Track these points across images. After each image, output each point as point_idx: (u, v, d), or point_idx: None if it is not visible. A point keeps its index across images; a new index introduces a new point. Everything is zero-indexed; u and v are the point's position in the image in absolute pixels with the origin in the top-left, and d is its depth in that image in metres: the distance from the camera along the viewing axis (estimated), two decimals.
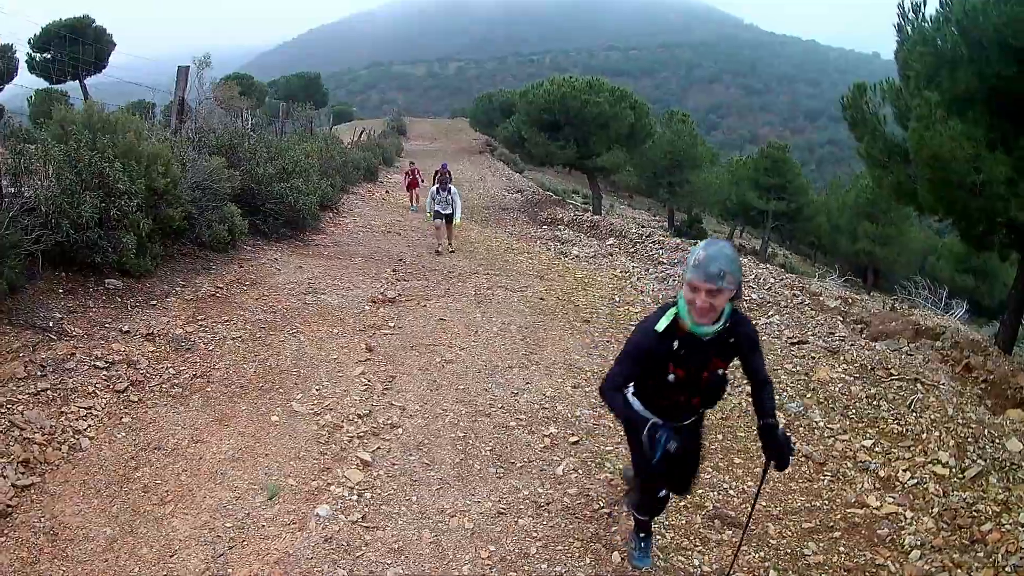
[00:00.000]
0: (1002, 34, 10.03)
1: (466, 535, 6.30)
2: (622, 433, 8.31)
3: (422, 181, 28.98)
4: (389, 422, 8.32)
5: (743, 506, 6.90)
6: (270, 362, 9.71)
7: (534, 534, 6.38)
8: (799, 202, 45.01)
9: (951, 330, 12.36)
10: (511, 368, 10.34)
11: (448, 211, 19.41)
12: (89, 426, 7.31)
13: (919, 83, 11.47)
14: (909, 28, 12.04)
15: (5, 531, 5.74)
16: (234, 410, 8.25)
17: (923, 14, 11.85)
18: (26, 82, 44.05)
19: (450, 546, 6.16)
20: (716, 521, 6.63)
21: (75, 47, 47.60)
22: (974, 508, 6.69)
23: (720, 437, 8.39)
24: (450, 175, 25.21)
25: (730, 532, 6.49)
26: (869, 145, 12.78)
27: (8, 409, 7.00)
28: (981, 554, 6.16)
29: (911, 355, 11.03)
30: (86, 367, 8.27)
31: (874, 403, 9.02)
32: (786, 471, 5.70)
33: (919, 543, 6.28)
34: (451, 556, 6.04)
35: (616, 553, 6.18)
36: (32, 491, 6.23)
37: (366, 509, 6.52)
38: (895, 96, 12.49)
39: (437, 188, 19.53)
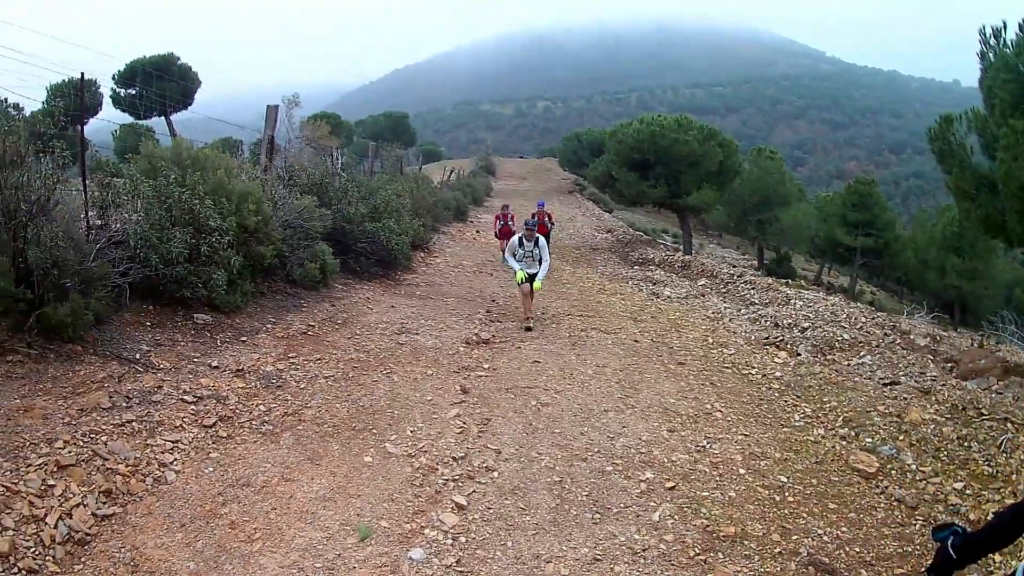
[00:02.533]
0: None
1: None
2: (719, 478, 8.12)
3: (515, 231, 22.59)
4: (484, 465, 8.17)
5: (837, 552, 6.77)
6: (363, 402, 9.64)
7: None
8: (887, 237, 44.45)
9: None
10: (607, 411, 10.12)
11: (535, 270, 15.33)
12: (175, 459, 7.31)
13: (1004, 111, 11.12)
14: (991, 55, 11.72)
15: (83, 559, 5.71)
16: (326, 449, 8.18)
17: (1004, 39, 11.53)
18: (109, 116, 45.02)
19: None
20: (810, 568, 6.46)
21: (161, 83, 48.65)
22: None
23: (815, 482, 8.20)
24: (549, 217, 23.39)
25: None
26: (957, 177, 12.45)
27: (91, 439, 7.00)
28: None
29: (1000, 394, 10.91)
30: (173, 400, 8.30)
31: (965, 444, 9.00)
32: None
33: None
34: None
35: None
36: (113, 521, 6.21)
37: (461, 553, 6.34)
38: (981, 125, 12.15)
39: (521, 238, 15.52)
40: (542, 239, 15.58)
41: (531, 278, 15.25)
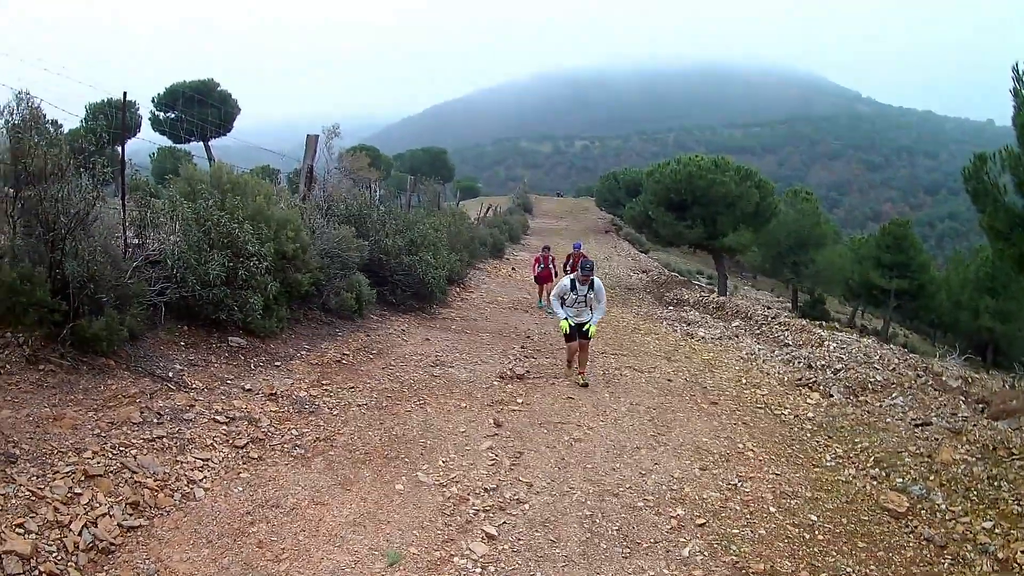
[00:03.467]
0: None
1: None
2: (750, 516, 8.07)
3: (556, 273, 22.89)
4: (516, 497, 8.19)
5: None
6: (396, 431, 9.69)
7: None
8: (921, 279, 44.09)
9: None
10: (639, 448, 10.14)
11: (586, 318, 13.40)
12: (205, 477, 7.37)
13: None
14: None
15: (106, 567, 5.75)
16: (357, 475, 8.21)
17: None
18: (148, 138, 45.51)
19: None
20: None
21: (200, 108, 49.11)
22: None
23: (845, 521, 8.19)
24: (587, 259, 22.50)
25: None
26: (991, 216, 12.36)
27: (121, 451, 7.09)
28: None
29: None
30: (205, 420, 8.40)
31: (995, 484, 8.95)
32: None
33: None
34: None
35: None
36: (139, 533, 6.25)
37: None
38: (1014, 164, 12.05)
39: (573, 281, 13.35)
40: (598, 282, 13.39)
41: (579, 329, 13.32)
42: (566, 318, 13.36)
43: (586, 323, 13.31)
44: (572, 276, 13.50)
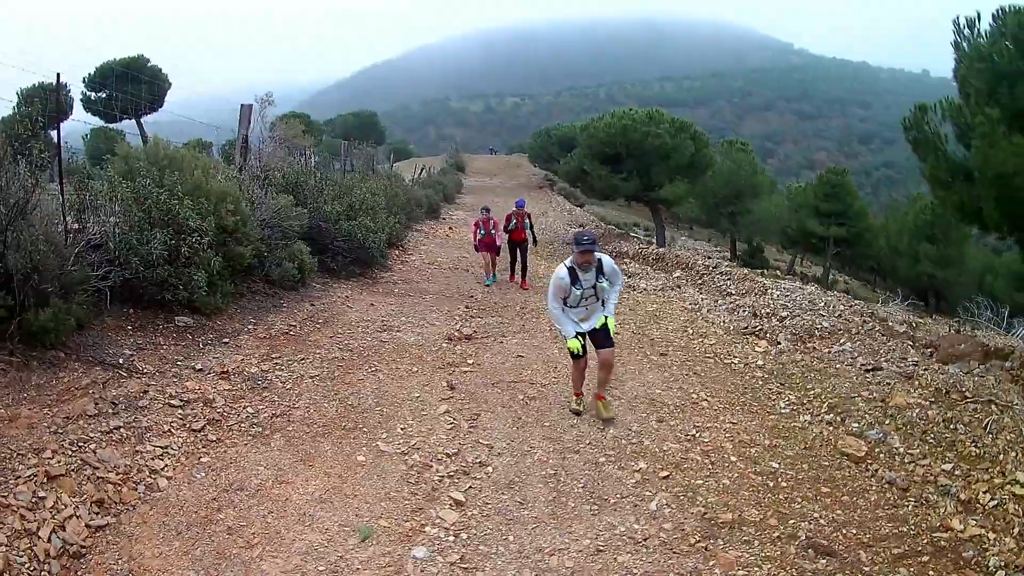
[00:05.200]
0: None
1: (567, 574, 6.15)
2: (711, 466, 8.13)
3: (500, 243, 19.95)
4: (478, 460, 8.20)
5: (834, 535, 6.85)
6: (351, 401, 9.64)
7: (634, 571, 6.24)
8: (859, 226, 44.47)
9: (1019, 350, 12.34)
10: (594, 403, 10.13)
11: (598, 317, 9.75)
12: (166, 465, 7.23)
13: (979, 100, 11.26)
14: (965, 45, 11.83)
15: (79, 573, 5.64)
16: (318, 450, 8.15)
17: (978, 29, 11.64)
18: (81, 119, 44.99)
19: None
20: (810, 551, 6.53)
21: (131, 86, 48.59)
22: None
23: (806, 467, 8.30)
24: (528, 218, 19.58)
25: (824, 560, 6.40)
26: (933, 166, 12.54)
27: (79, 447, 6.92)
28: None
29: (982, 376, 11.02)
30: (160, 405, 8.23)
31: (951, 426, 9.01)
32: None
33: (1003, 564, 6.31)
34: None
35: None
36: (107, 532, 6.12)
37: (464, 550, 6.37)
38: (956, 114, 12.24)
39: (572, 270, 9.48)
40: (607, 261, 9.68)
41: (594, 332, 9.73)
42: (576, 336, 9.57)
43: (600, 321, 9.75)
44: (568, 265, 9.58)
